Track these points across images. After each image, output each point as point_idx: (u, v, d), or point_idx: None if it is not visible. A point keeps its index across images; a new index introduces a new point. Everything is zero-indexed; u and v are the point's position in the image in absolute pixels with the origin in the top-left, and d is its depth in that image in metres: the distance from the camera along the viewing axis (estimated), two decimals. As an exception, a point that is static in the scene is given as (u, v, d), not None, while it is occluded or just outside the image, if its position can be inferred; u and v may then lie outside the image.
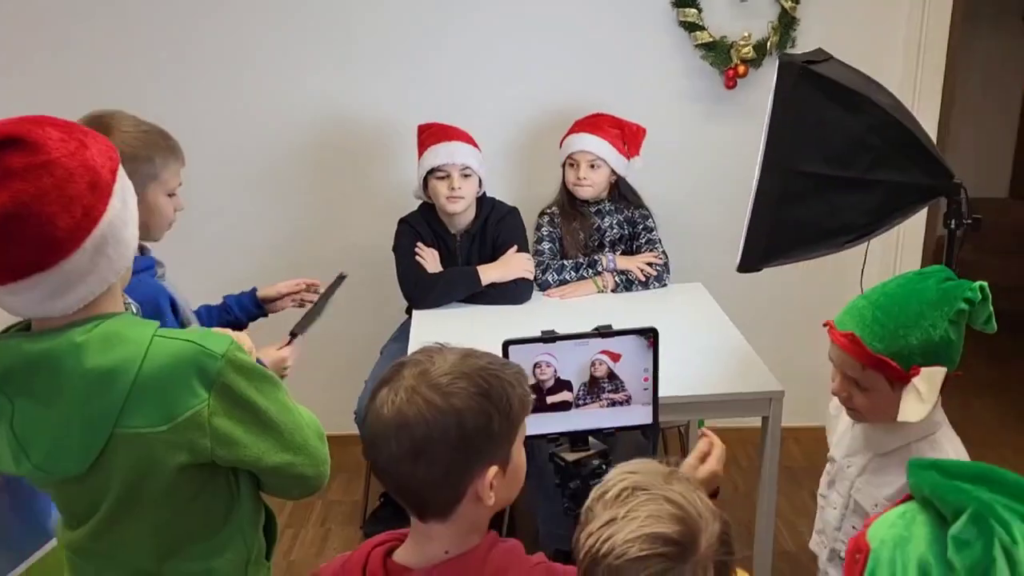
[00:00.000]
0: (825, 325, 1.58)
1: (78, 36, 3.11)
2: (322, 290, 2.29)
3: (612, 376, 1.68)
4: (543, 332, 1.66)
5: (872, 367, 1.48)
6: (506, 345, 1.65)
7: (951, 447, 1.55)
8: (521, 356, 1.64)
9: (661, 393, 1.89)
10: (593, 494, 1.16)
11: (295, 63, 3.10)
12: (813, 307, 3.39)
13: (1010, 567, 0.81)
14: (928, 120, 3.15)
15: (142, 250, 1.94)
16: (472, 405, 1.12)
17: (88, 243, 1.21)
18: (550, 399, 1.70)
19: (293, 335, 2.05)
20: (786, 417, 3.45)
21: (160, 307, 1.83)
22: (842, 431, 1.73)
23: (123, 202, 1.27)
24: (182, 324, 1.94)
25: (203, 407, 1.26)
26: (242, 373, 1.30)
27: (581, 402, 1.71)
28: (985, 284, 1.48)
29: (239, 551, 1.42)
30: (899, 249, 3.27)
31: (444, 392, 1.11)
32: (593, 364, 1.66)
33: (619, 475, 1.16)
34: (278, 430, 1.34)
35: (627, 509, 1.09)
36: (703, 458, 1.46)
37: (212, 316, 2.27)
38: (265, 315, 2.34)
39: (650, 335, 1.67)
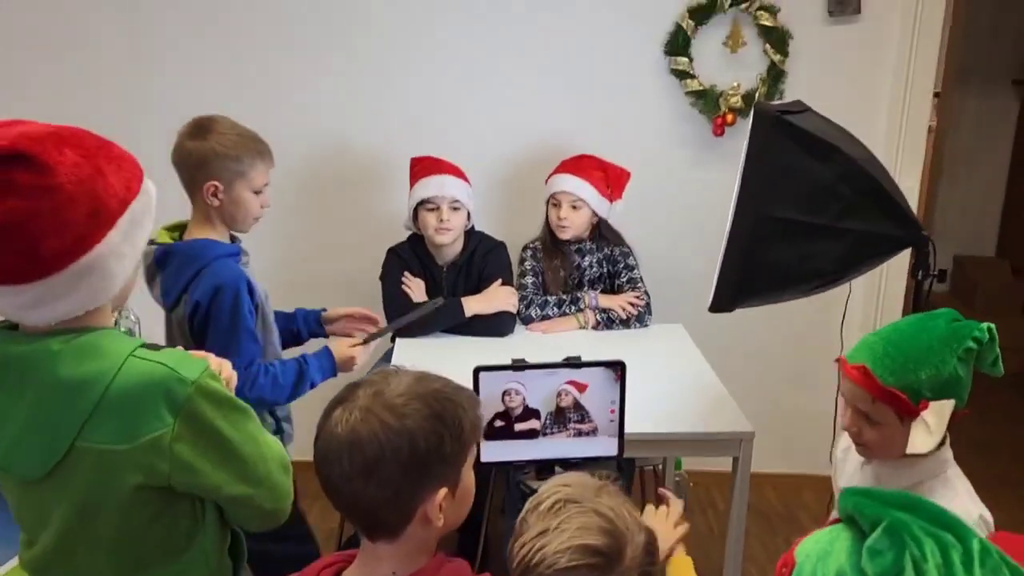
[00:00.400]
0: (837, 360, 1.60)
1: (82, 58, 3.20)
2: (382, 324, 2.51)
3: (578, 406, 1.72)
4: (514, 360, 1.70)
5: (883, 400, 1.50)
6: (477, 371, 1.69)
7: (962, 485, 1.56)
8: (491, 383, 1.69)
9: (633, 429, 1.93)
10: (528, 505, 1.21)
11: (295, 93, 3.18)
12: (795, 354, 3.45)
13: None
14: (910, 177, 3.22)
15: (232, 239, 2.21)
16: (425, 426, 1.14)
17: (72, 268, 1.21)
18: (518, 427, 1.74)
19: (368, 339, 2.27)
20: (764, 463, 3.50)
21: (239, 290, 2.07)
22: (851, 472, 1.73)
23: (125, 235, 1.26)
24: (257, 308, 2.16)
25: (166, 432, 1.25)
26: (211, 401, 1.29)
27: (548, 431, 1.75)
28: (993, 326, 1.51)
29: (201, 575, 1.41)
30: (880, 298, 3.32)
31: (398, 413, 1.14)
32: (559, 394, 1.71)
33: (553, 487, 1.21)
34: (241, 461, 1.34)
35: (559, 521, 1.15)
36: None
37: (278, 320, 2.39)
38: (325, 336, 2.45)
39: (618, 368, 1.71)
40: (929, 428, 1.48)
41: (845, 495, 0.91)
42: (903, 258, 2.54)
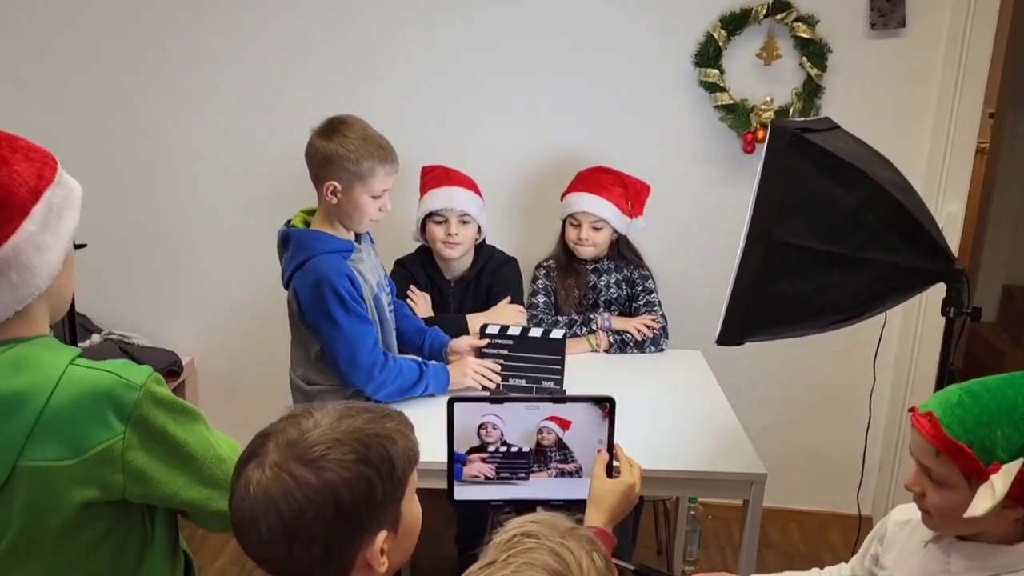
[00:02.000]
0: (910, 411, 1.42)
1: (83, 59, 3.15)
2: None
3: (561, 445, 1.58)
4: (491, 392, 1.57)
5: (947, 453, 1.31)
6: (451, 403, 1.56)
7: None
8: (467, 415, 1.56)
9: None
10: (495, 537, 1.09)
11: (306, 100, 3.09)
12: (823, 388, 3.26)
13: None
14: (954, 202, 3.01)
15: (358, 236, 2.33)
16: (348, 476, 1.02)
17: None
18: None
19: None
20: (788, 499, 3.34)
21: (335, 284, 2.16)
22: (909, 551, 1.50)
23: (44, 226, 1.21)
24: (363, 299, 2.23)
25: (117, 441, 1.20)
26: (160, 406, 1.24)
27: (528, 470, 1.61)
28: None
29: None
30: (918, 332, 3.12)
31: (316, 466, 1.01)
32: (541, 431, 1.56)
33: (520, 521, 1.10)
34: (196, 464, 1.29)
35: (507, 555, 1.02)
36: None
37: (410, 325, 2.56)
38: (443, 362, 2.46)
39: (606, 405, 1.57)
40: (994, 491, 1.26)
41: None
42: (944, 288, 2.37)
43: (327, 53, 3.09)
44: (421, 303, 2.76)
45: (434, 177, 2.77)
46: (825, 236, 1.72)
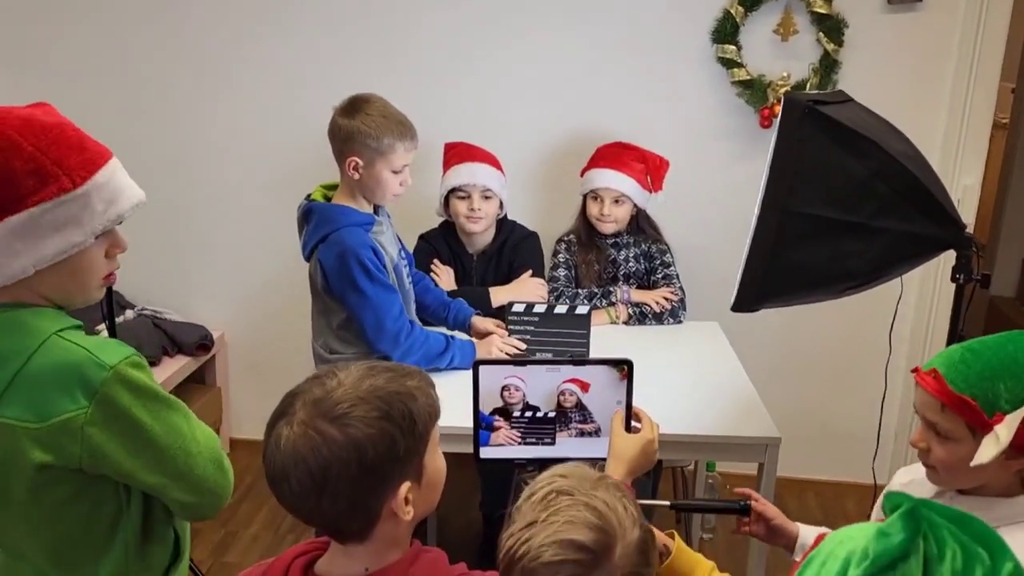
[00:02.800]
0: (913, 371, 1.48)
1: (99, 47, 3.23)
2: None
3: (581, 406, 1.65)
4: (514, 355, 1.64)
5: (952, 407, 1.36)
6: (476, 364, 1.63)
7: None
8: (491, 377, 1.63)
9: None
10: (523, 495, 1.16)
11: (330, 79, 3.16)
12: (839, 359, 3.31)
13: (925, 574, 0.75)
14: (971, 175, 3.05)
15: (376, 210, 2.39)
16: (371, 432, 1.07)
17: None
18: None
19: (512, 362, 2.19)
20: (806, 469, 3.40)
21: (360, 255, 2.25)
22: None
23: (15, 234, 1.25)
24: (386, 268, 2.32)
25: (80, 415, 1.24)
26: (129, 388, 1.28)
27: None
28: None
29: (118, 564, 1.39)
30: (934, 305, 3.16)
31: (341, 423, 1.07)
32: (562, 393, 1.63)
33: (548, 478, 1.16)
34: (156, 450, 1.32)
35: (548, 513, 1.10)
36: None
37: (435, 298, 2.63)
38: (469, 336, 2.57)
39: (623, 367, 1.63)
40: (998, 439, 1.30)
41: (889, 495, 0.82)
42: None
43: (349, 35, 3.16)
44: (444, 276, 2.84)
45: (457, 154, 2.84)
46: (837, 205, 1.77)
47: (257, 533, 3.16)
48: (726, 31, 2.99)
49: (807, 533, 1.65)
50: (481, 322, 2.57)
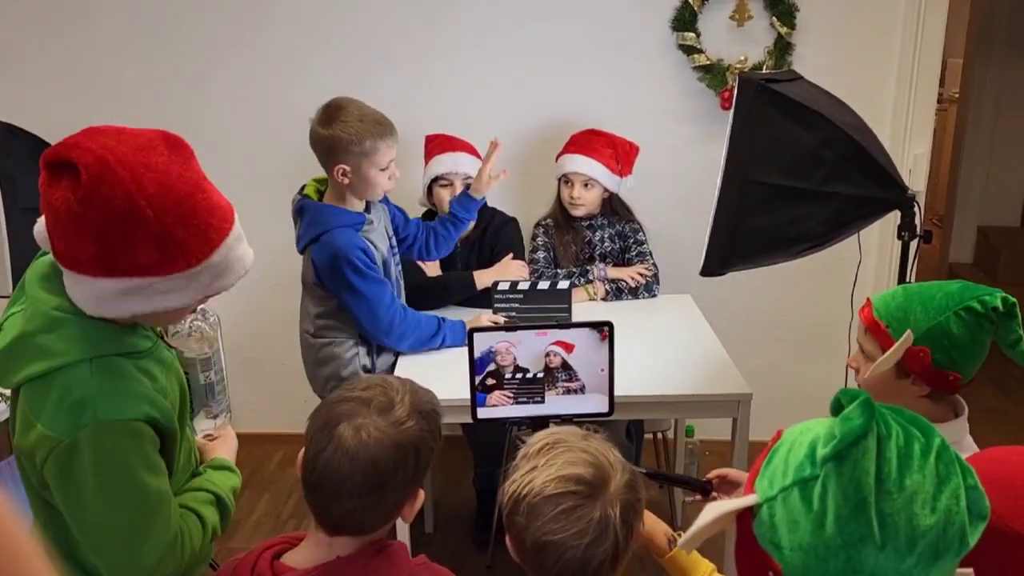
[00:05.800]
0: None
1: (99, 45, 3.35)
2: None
3: (566, 366, 1.81)
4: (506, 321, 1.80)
5: (870, 329, 1.54)
6: (471, 332, 1.79)
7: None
8: (484, 343, 1.78)
9: (633, 391, 2.00)
10: (520, 452, 1.30)
11: (310, 73, 3.30)
12: (803, 325, 3.49)
13: (876, 450, 0.92)
14: (920, 144, 3.24)
15: (368, 207, 2.50)
16: (424, 439, 1.24)
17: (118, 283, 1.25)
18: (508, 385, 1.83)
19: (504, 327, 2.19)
20: (772, 432, 3.56)
21: (350, 256, 2.35)
22: None
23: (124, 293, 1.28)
24: (381, 263, 2.44)
25: (55, 441, 1.25)
26: (97, 449, 1.26)
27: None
28: (1012, 299, 1.46)
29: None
30: (890, 271, 3.35)
31: (406, 430, 1.22)
32: (548, 355, 1.79)
33: (542, 435, 1.31)
34: (80, 520, 1.30)
35: (547, 459, 1.24)
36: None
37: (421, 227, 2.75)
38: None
39: (603, 328, 1.79)
40: (885, 356, 1.48)
41: (844, 390, 1.00)
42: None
43: (331, 35, 3.29)
44: (430, 263, 2.98)
45: (438, 144, 2.98)
46: (791, 173, 1.94)
47: (260, 520, 3.30)
48: (685, 19, 3.16)
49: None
50: (481, 181, 2.73)
